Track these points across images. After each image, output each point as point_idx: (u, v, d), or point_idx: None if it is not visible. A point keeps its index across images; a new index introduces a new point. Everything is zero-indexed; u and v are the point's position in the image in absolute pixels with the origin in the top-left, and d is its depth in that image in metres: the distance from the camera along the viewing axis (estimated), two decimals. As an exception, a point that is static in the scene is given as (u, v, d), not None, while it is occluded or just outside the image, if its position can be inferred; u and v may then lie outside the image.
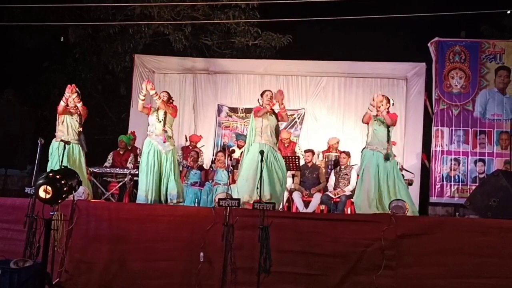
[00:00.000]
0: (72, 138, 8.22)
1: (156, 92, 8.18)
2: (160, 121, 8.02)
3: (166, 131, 8.01)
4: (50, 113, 13.92)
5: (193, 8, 13.88)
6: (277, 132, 8.01)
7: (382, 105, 7.63)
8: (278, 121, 7.98)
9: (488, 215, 6.88)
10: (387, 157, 7.51)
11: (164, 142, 7.91)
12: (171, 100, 8.29)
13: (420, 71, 11.21)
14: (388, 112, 7.64)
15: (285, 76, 11.94)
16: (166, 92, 8.46)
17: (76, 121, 8.36)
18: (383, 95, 7.83)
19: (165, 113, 8.08)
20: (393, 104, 7.94)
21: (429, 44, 11.05)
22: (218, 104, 12.04)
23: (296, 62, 11.93)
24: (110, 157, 10.13)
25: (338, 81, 11.84)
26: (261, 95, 8.00)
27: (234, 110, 12.04)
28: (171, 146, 8.02)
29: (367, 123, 7.81)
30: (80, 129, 8.39)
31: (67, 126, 8.31)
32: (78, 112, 8.38)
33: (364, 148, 7.79)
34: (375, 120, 7.69)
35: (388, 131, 7.64)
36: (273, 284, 5.82)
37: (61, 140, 7.74)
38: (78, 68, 14.58)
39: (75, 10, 13.51)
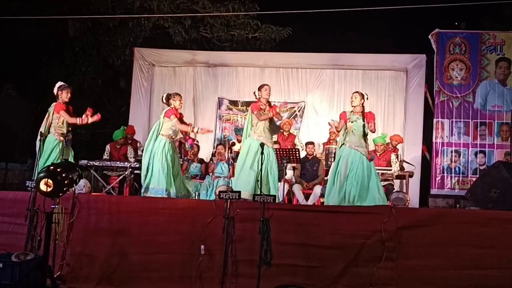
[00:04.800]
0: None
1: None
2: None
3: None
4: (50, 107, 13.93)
5: (192, 1, 13.85)
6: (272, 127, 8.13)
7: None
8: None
9: (489, 206, 6.90)
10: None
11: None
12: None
13: (420, 63, 11.19)
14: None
15: (285, 68, 11.91)
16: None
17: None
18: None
19: None
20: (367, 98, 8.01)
21: (430, 36, 11.01)
22: (218, 97, 12.02)
23: (296, 54, 11.91)
24: (107, 149, 10.11)
25: (338, 73, 11.81)
26: (259, 88, 8.10)
27: (234, 103, 12.03)
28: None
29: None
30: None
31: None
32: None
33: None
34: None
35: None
36: (274, 276, 5.84)
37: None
38: (77, 61, 14.55)
39: (74, 4, 13.48)
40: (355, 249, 6.06)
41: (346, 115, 7.86)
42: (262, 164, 6.66)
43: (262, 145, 6.69)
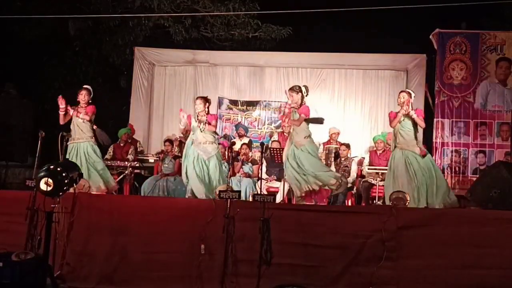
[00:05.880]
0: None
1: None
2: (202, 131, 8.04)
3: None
4: (51, 106, 13.95)
5: (193, 1, 13.85)
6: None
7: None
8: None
9: (489, 206, 6.88)
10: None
11: None
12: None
13: (420, 63, 11.22)
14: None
15: (286, 68, 11.93)
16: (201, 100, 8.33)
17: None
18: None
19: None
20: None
21: (431, 36, 11.00)
22: (218, 97, 12.01)
23: (296, 54, 11.92)
24: (110, 150, 10.13)
25: (339, 73, 11.84)
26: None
27: (234, 102, 12.03)
28: (214, 151, 8.02)
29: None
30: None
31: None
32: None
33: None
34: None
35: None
36: (274, 275, 5.83)
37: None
38: (78, 61, 14.56)
39: (75, 3, 13.48)
40: (355, 248, 6.05)
41: (395, 115, 7.86)
42: (262, 163, 6.69)
43: (262, 144, 6.70)
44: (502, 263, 5.90)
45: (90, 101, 8.49)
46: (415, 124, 7.76)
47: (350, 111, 11.67)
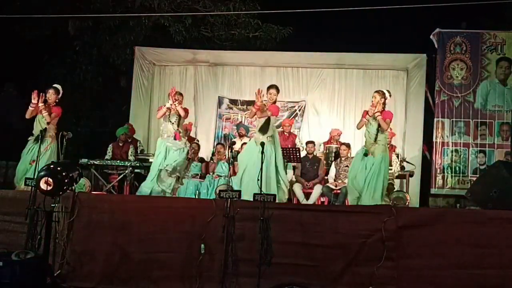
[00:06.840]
0: None
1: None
2: (173, 123, 8.07)
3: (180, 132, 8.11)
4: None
5: (193, 0, 13.85)
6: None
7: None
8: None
9: (489, 206, 6.89)
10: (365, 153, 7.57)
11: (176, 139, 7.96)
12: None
13: (420, 62, 11.20)
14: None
15: (286, 68, 11.91)
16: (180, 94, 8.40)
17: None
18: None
19: (179, 115, 8.10)
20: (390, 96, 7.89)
21: (431, 36, 11.01)
22: (218, 96, 12.01)
23: (296, 54, 11.90)
24: (109, 149, 10.12)
25: (339, 72, 11.81)
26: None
27: (234, 102, 12.03)
28: (183, 145, 8.08)
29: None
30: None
31: None
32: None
33: None
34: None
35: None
36: (274, 275, 5.85)
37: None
38: (78, 60, 14.55)
39: (75, 3, 13.47)
40: (355, 248, 6.06)
41: (365, 114, 7.66)
42: (262, 163, 6.68)
43: (262, 144, 6.69)
44: (502, 263, 5.91)
45: (57, 101, 8.39)
46: (379, 127, 7.50)
47: (350, 111, 11.65)
